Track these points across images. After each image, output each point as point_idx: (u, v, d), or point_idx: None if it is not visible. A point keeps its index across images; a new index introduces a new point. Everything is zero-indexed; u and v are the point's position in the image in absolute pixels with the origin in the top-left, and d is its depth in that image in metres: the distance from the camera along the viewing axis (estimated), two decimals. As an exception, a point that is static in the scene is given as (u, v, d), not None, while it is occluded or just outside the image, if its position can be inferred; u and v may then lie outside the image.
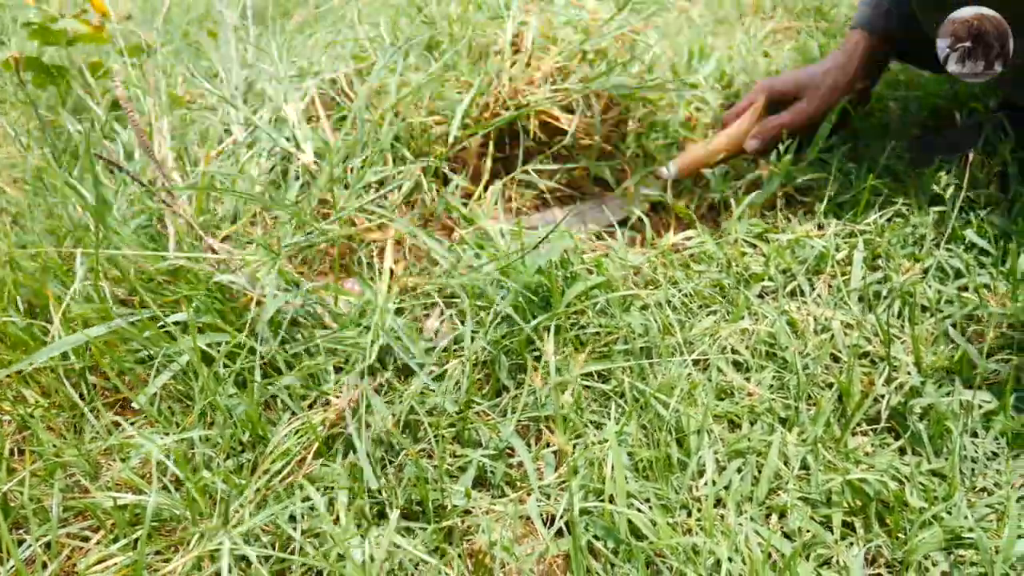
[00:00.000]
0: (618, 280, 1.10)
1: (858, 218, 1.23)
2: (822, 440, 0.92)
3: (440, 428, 0.93)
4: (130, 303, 1.10)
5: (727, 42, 1.88)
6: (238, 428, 0.94)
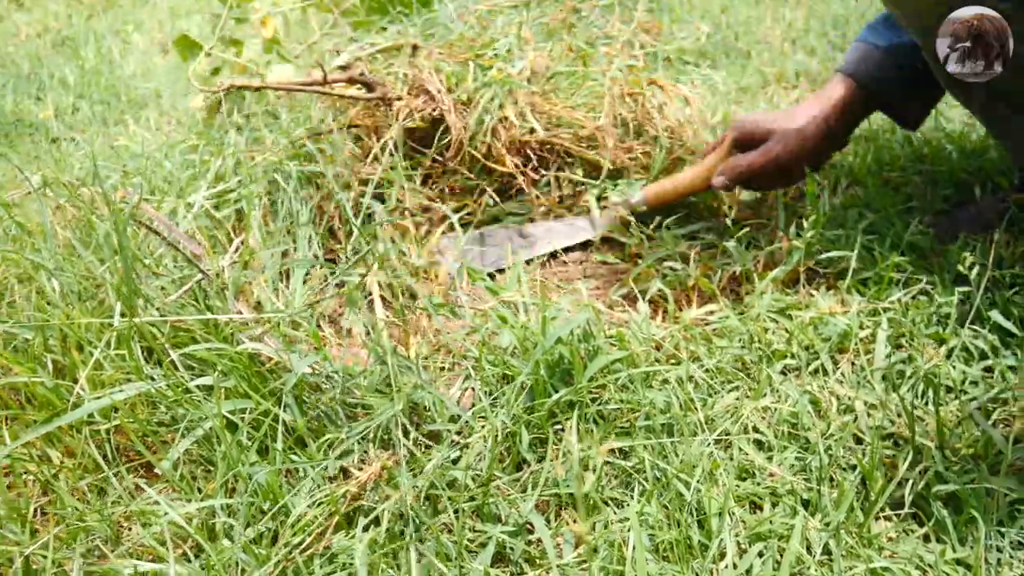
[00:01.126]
0: (640, 354, 1.10)
1: (882, 295, 1.23)
2: (844, 525, 0.91)
3: (461, 502, 0.93)
4: (157, 363, 1.12)
5: (750, 111, 1.90)
6: (259, 497, 0.94)
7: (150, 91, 2.22)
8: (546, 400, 1.02)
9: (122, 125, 1.98)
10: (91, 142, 1.82)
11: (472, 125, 1.51)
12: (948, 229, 1.37)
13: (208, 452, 1.02)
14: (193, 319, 1.11)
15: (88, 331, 1.14)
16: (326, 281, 1.31)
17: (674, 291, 1.28)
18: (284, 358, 1.06)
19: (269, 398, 1.04)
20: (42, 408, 1.09)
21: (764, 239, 1.39)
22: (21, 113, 2.18)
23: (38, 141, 2.02)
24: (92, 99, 2.23)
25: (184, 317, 1.11)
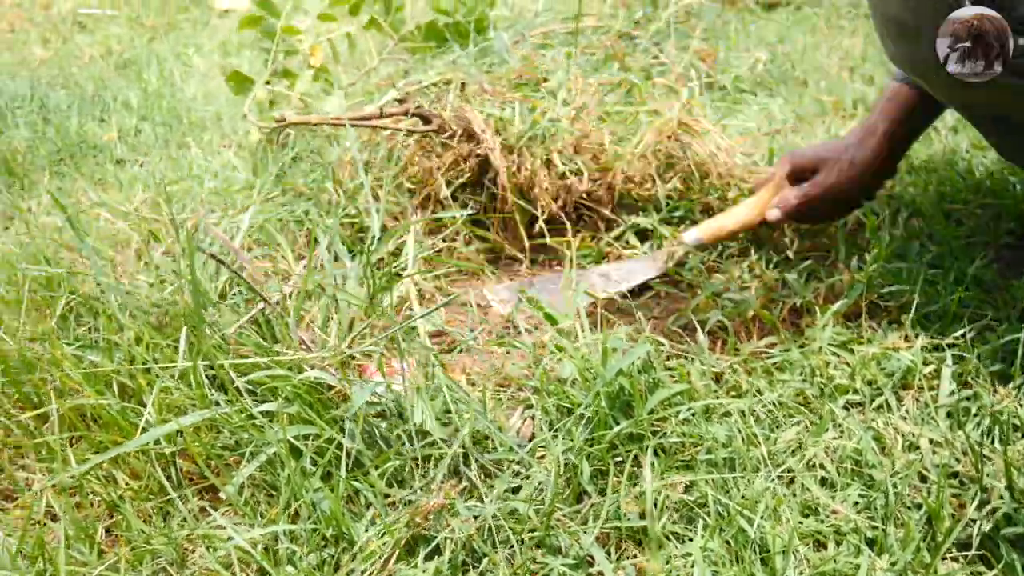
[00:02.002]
0: (700, 387, 1.10)
1: (946, 331, 1.21)
2: (911, 566, 0.90)
3: (522, 534, 0.93)
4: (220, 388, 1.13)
5: (806, 140, 1.89)
6: (322, 523, 0.95)
7: (211, 114, 2.27)
8: (607, 432, 1.02)
9: (184, 148, 2.02)
10: (154, 165, 1.86)
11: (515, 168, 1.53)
12: (1013, 264, 1.35)
13: (272, 477, 1.03)
14: (255, 350, 1.13)
15: (155, 351, 1.17)
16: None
17: (733, 322, 1.28)
18: (345, 386, 1.07)
19: (332, 425, 1.05)
20: (107, 429, 1.11)
21: (824, 271, 1.38)
22: (85, 135, 2.23)
23: (102, 163, 2.07)
24: (155, 121, 2.27)
25: (247, 355, 1.13)
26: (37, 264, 1.36)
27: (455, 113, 1.53)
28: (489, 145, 1.52)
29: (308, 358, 1.09)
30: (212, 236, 1.31)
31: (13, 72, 2.90)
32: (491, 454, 1.03)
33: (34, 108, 2.47)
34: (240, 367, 1.13)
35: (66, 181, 1.93)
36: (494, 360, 1.24)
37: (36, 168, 2.04)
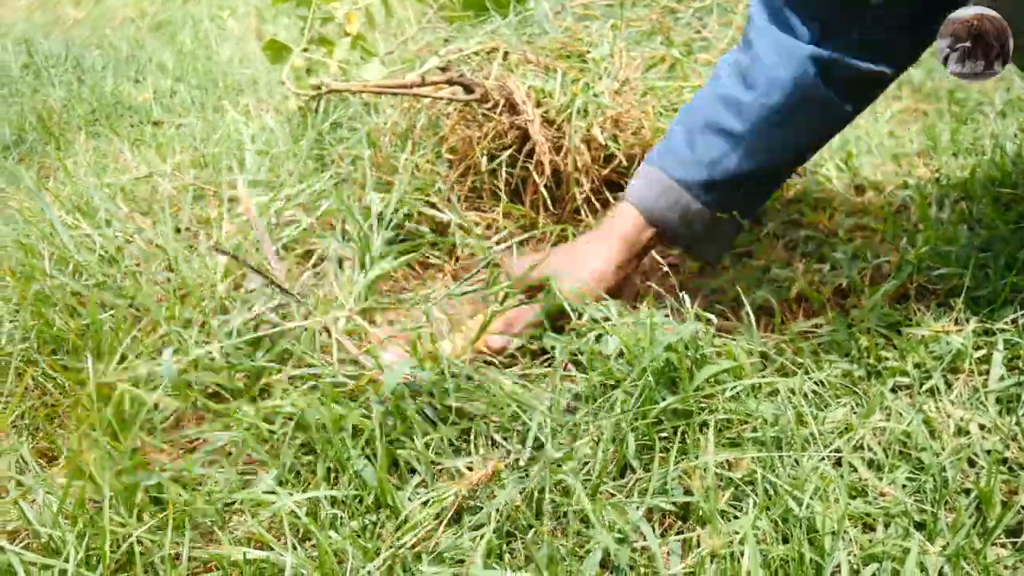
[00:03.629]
0: (749, 365, 1.09)
1: (996, 316, 1.19)
2: (961, 550, 0.89)
3: (567, 508, 0.93)
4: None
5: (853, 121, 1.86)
6: (364, 491, 0.95)
7: (246, 78, 2.26)
8: (653, 407, 1.01)
9: (220, 112, 2.01)
10: (193, 127, 1.86)
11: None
12: (1064, 249, 1.32)
13: (312, 450, 1.03)
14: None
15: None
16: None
17: (778, 302, 1.26)
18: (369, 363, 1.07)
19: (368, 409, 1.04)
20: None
21: (871, 252, 1.36)
22: (121, 95, 2.23)
23: (137, 124, 2.06)
24: (190, 83, 2.27)
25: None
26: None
27: (497, 83, 1.51)
28: (529, 117, 1.51)
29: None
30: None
31: (47, 31, 2.90)
32: (536, 428, 1.02)
33: (69, 67, 2.46)
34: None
35: (102, 141, 1.93)
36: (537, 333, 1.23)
37: (72, 127, 2.04)
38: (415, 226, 1.44)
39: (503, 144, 1.53)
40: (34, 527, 0.94)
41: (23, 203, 1.46)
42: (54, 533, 0.93)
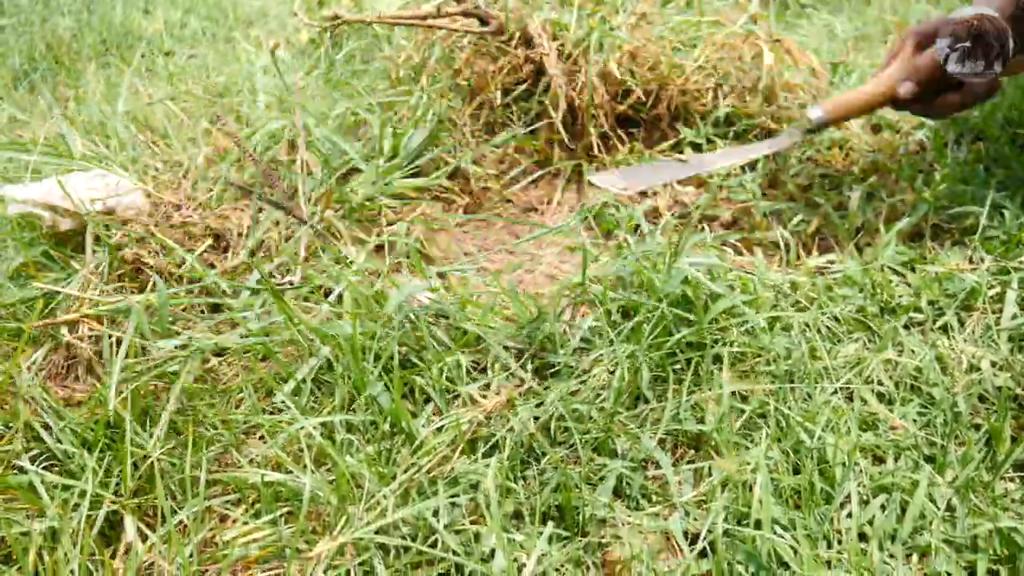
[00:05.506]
0: (764, 299, 1.09)
1: (1010, 255, 1.19)
2: (970, 483, 0.90)
3: (582, 436, 0.94)
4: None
5: (869, 60, 1.84)
6: (379, 417, 0.96)
7: (256, 9, 2.23)
8: (668, 339, 1.01)
9: (231, 43, 1.99)
10: (204, 58, 1.84)
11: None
12: (1081, 190, 1.32)
13: (329, 375, 1.03)
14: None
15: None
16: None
17: (795, 238, 1.26)
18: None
19: (385, 326, 1.05)
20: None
21: (886, 191, 1.35)
22: (130, 26, 2.21)
23: (148, 54, 2.05)
24: (200, 15, 2.24)
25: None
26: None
27: (513, 15, 1.49)
28: (544, 50, 1.49)
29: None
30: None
31: (54, -39, 2.86)
32: (551, 355, 1.03)
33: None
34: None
35: (112, 71, 1.91)
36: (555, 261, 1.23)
37: (82, 58, 2.02)
38: (430, 158, 1.43)
39: (518, 78, 1.51)
40: (53, 449, 0.95)
41: (36, 130, 1.46)
42: (75, 454, 0.94)
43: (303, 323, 1.04)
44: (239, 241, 1.25)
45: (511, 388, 0.97)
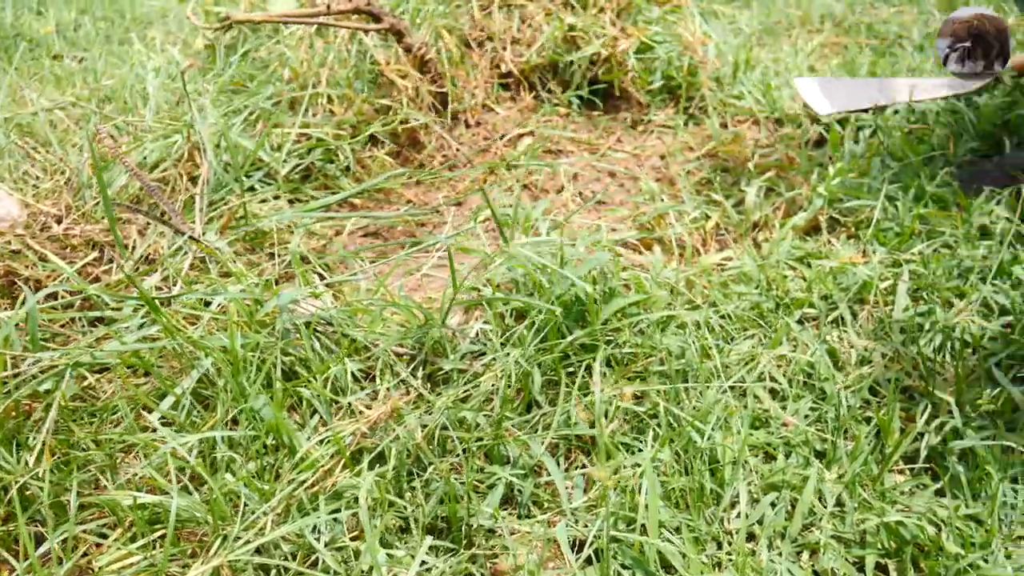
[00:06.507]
0: (657, 298, 1.08)
1: (903, 247, 1.20)
2: (858, 478, 0.89)
3: (470, 443, 0.91)
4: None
5: (774, 54, 1.85)
6: (262, 431, 0.93)
7: (155, 9, 2.16)
8: (560, 341, 1.00)
9: (127, 44, 1.93)
10: (94, 61, 1.77)
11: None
12: (973, 181, 1.33)
13: (210, 391, 0.99)
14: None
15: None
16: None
17: (690, 236, 1.25)
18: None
19: (270, 335, 1.01)
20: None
21: (785, 185, 1.35)
22: (21, 27, 2.12)
23: (38, 57, 1.97)
24: (95, 15, 2.17)
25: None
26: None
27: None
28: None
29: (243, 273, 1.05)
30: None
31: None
32: (441, 361, 1.01)
33: (-35, -2, 2.33)
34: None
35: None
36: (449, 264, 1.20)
37: (-32, 62, 1.93)
38: (321, 162, 1.39)
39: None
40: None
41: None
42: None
43: (182, 335, 1.00)
44: (125, 254, 1.20)
45: (396, 397, 0.94)
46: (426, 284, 1.21)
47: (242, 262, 1.19)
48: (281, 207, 1.28)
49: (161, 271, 1.17)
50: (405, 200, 1.41)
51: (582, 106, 1.59)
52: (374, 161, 1.43)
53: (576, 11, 1.63)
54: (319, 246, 1.25)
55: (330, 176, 1.40)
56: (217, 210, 1.26)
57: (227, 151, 1.30)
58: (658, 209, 1.30)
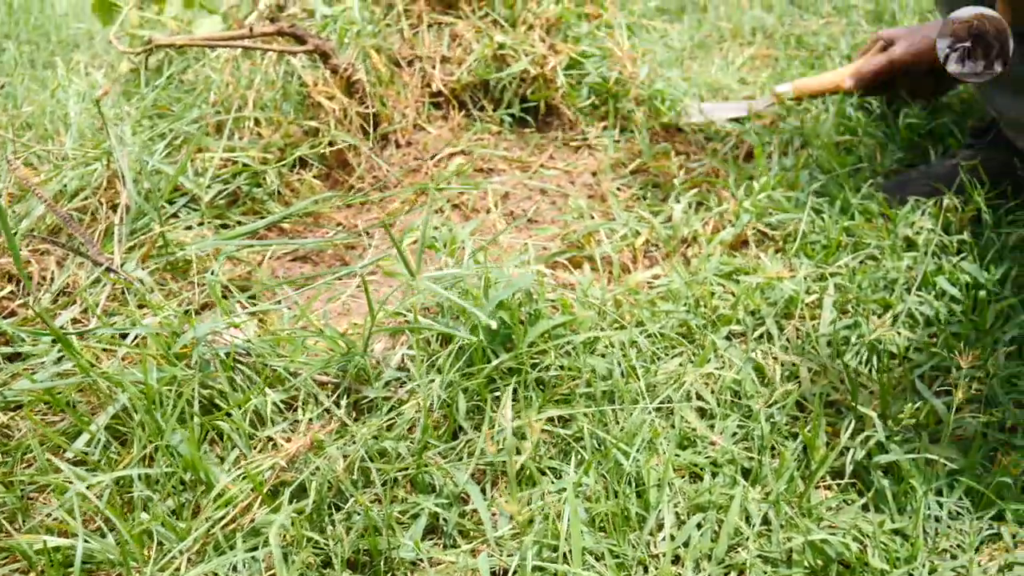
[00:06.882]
0: (583, 319, 1.07)
1: (829, 260, 1.21)
2: (784, 496, 0.89)
3: (392, 473, 0.90)
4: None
5: (704, 67, 1.86)
6: (179, 468, 0.90)
7: (81, 32, 2.12)
8: (485, 366, 0.98)
9: (51, 68, 1.89)
10: (14, 86, 1.73)
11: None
12: (898, 192, 1.35)
13: (127, 428, 0.97)
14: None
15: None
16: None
17: (620, 253, 1.25)
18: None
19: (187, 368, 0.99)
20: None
21: (714, 199, 1.36)
22: (-56, 53, 2.07)
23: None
24: (19, 39, 2.12)
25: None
26: None
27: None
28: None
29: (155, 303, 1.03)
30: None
31: None
32: (365, 389, 0.99)
33: None
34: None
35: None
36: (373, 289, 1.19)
37: None
38: (248, 186, 1.37)
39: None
40: None
41: None
42: None
43: (95, 371, 0.97)
44: (42, 287, 1.17)
45: (316, 429, 0.92)
46: (355, 308, 1.19)
47: (164, 292, 1.17)
48: (205, 234, 1.25)
49: (80, 303, 1.14)
50: (335, 223, 1.39)
51: (514, 124, 1.58)
52: (303, 184, 1.41)
53: (506, 29, 1.62)
54: (244, 273, 1.22)
55: (257, 200, 1.37)
56: (139, 239, 1.23)
57: (148, 178, 1.27)
58: (588, 227, 1.29)
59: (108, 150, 1.27)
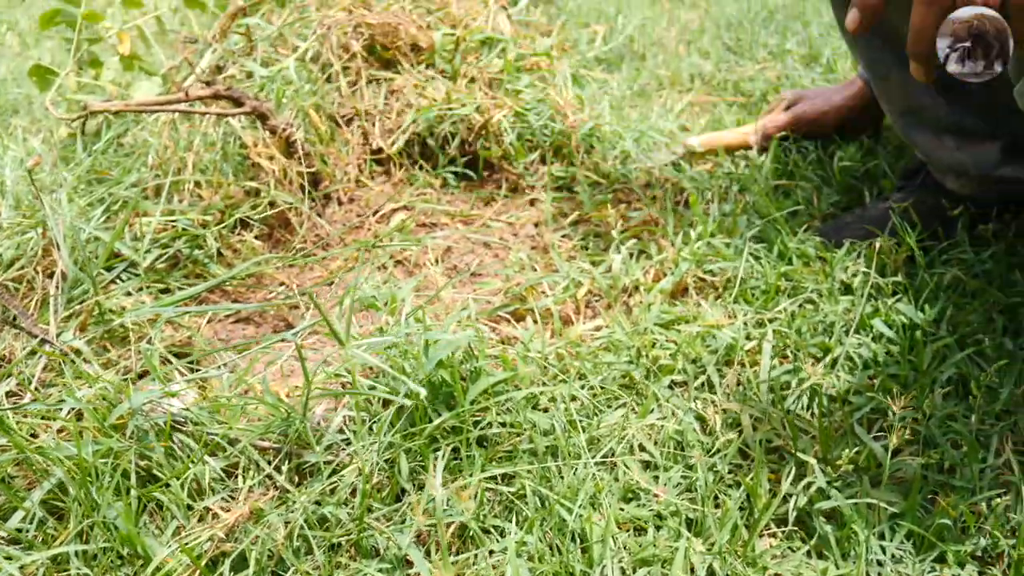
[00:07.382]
0: (525, 374, 1.07)
1: (768, 305, 1.22)
2: (728, 547, 0.89)
3: (334, 539, 0.89)
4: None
5: (643, 114, 1.89)
6: (116, 542, 0.88)
7: (20, 96, 2.11)
8: (427, 425, 0.98)
9: (-10, 134, 1.87)
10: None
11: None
12: (834, 235, 1.37)
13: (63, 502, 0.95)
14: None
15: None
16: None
17: (562, 305, 1.26)
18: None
19: (124, 439, 0.98)
20: None
21: (655, 248, 1.37)
22: None
23: None
24: (-42, 105, 2.10)
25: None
26: None
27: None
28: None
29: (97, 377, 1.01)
30: None
31: None
32: (306, 453, 0.98)
33: None
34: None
35: None
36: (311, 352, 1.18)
37: None
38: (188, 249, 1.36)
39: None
40: None
41: None
42: None
43: (29, 446, 0.95)
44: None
45: (256, 497, 0.91)
46: (296, 370, 1.18)
47: (102, 361, 1.15)
48: (144, 300, 1.24)
49: (17, 375, 1.12)
50: (278, 283, 1.38)
51: (457, 177, 1.59)
52: (244, 245, 1.40)
53: (446, 82, 1.64)
54: (184, 338, 1.21)
55: (199, 263, 1.36)
56: (76, 307, 1.21)
57: (85, 246, 1.26)
58: (530, 280, 1.30)
59: (43, 219, 1.26)
